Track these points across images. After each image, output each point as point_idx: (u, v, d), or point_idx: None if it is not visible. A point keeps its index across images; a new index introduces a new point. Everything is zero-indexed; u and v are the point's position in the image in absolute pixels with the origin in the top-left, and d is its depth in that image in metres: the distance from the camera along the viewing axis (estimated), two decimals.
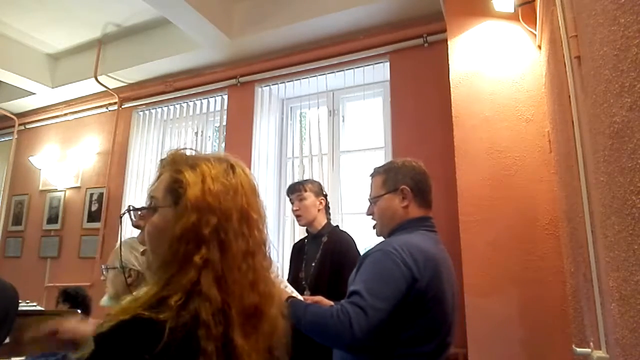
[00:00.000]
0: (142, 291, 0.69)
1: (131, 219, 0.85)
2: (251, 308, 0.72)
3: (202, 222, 0.70)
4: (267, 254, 0.80)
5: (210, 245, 0.70)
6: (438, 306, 1.25)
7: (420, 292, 1.21)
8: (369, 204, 1.49)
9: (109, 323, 0.63)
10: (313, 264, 2.04)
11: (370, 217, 1.49)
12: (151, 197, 0.78)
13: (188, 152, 0.81)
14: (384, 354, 1.21)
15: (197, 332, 0.64)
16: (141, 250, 0.95)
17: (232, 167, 0.80)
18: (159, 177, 0.79)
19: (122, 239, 1.34)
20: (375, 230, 1.49)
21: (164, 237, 0.72)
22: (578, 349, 1.26)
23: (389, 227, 1.42)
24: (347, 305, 1.16)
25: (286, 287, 1.63)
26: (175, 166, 0.77)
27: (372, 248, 1.33)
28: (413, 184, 1.40)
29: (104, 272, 1.42)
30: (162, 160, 0.80)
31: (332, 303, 1.57)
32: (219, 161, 0.79)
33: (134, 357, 0.61)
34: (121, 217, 0.88)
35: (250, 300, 0.72)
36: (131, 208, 0.84)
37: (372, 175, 1.50)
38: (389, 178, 1.43)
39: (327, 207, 2.20)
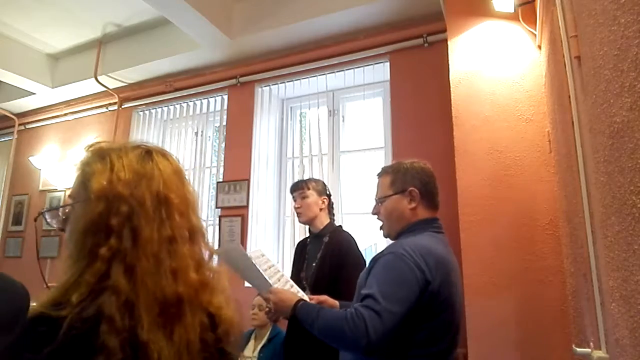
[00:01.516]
0: (50, 292, 0.66)
1: (47, 222, 0.79)
2: (171, 298, 0.67)
3: (110, 211, 0.67)
4: (202, 240, 0.76)
5: (121, 234, 0.66)
6: (449, 307, 1.26)
7: (433, 295, 1.21)
8: (375, 203, 1.48)
9: None
10: (314, 264, 2.04)
11: (376, 216, 1.48)
12: (69, 197, 0.76)
13: (103, 145, 0.76)
14: (397, 355, 1.21)
15: (100, 328, 0.60)
16: None
17: (149, 152, 0.75)
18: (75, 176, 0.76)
19: None
20: (382, 231, 1.48)
21: (73, 233, 0.69)
22: (578, 349, 1.26)
23: (396, 229, 1.42)
24: (361, 309, 1.16)
25: (292, 286, 1.63)
26: (86, 159, 0.74)
27: (383, 250, 1.33)
28: (421, 185, 1.39)
29: None
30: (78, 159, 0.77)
31: (336, 303, 1.57)
32: (133, 149, 0.75)
33: (16, 357, 0.57)
34: (35, 220, 0.84)
35: (169, 290, 0.67)
36: (45, 210, 0.80)
37: (380, 175, 1.49)
38: (397, 179, 1.42)
39: (330, 207, 2.20)
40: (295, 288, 1.65)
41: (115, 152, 0.73)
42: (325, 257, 2.00)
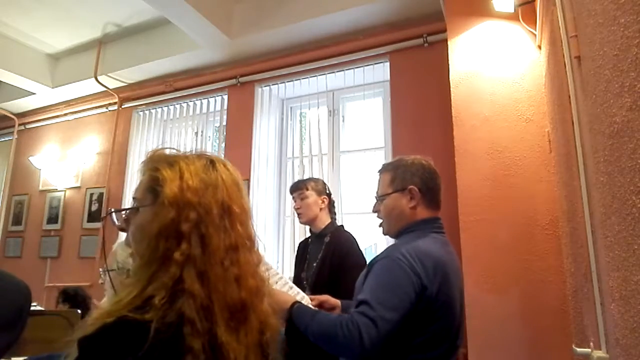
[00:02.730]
0: (123, 293, 0.68)
1: (113, 222, 0.84)
2: (237, 303, 0.71)
3: (181, 217, 0.70)
4: (255, 249, 0.80)
5: (191, 240, 0.69)
6: (448, 311, 1.24)
7: (430, 300, 1.19)
8: (375, 200, 1.45)
9: (92, 326, 0.63)
10: (315, 264, 2.03)
11: (376, 214, 1.45)
12: (133, 199, 0.78)
13: (167, 152, 0.80)
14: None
15: (183, 330, 0.63)
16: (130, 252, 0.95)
17: (212, 162, 0.78)
18: (140, 179, 0.79)
19: (120, 241, 1.33)
20: (381, 228, 1.45)
21: (144, 236, 0.71)
22: (578, 349, 1.26)
23: (396, 228, 1.38)
24: (356, 316, 1.14)
25: (291, 288, 1.61)
26: (154, 165, 0.76)
27: (380, 254, 1.30)
28: (422, 183, 1.35)
29: (102, 275, 1.42)
30: (143, 162, 0.80)
31: (338, 302, 1.56)
32: (198, 158, 0.78)
33: (118, 359, 0.60)
34: (103, 219, 0.88)
35: (235, 296, 0.71)
36: (112, 210, 0.84)
37: (381, 172, 1.45)
38: (397, 176, 1.37)
39: (331, 206, 2.19)
40: (295, 290, 1.65)
41: (183, 160, 0.76)
42: (326, 257, 2.00)
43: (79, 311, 2.13)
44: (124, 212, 0.81)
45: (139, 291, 0.66)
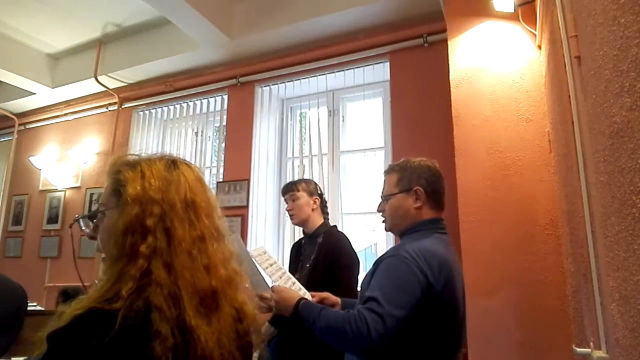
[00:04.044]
0: (94, 289, 0.70)
1: (81, 228, 0.85)
2: (207, 290, 0.73)
3: (145, 213, 0.73)
4: (225, 240, 0.82)
5: (156, 234, 0.72)
6: (452, 309, 1.27)
7: (436, 298, 1.22)
8: (380, 200, 1.48)
9: (62, 321, 0.65)
10: (308, 264, 2.04)
11: (381, 214, 1.48)
12: (99, 205, 0.81)
13: (129, 157, 0.84)
14: (400, 357, 1.21)
15: (151, 317, 0.65)
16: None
17: (174, 162, 0.82)
18: (105, 186, 0.82)
19: None
20: (384, 225, 1.48)
21: (111, 235, 0.74)
22: (578, 349, 1.26)
23: (400, 227, 1.41)
24: (364, 311, 1.16)
25: (294, 283, 1.63)
26: (116, 169, 0.80)
27: (386, 252, 1.33)
28: (427, 185, 1.39)
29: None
30: (106, 169, 0.83)
31: (338, 300, 1.57)
32: (159, 159, 0.83)
33: (84, 347, 0.62)
34: (71, 226, 0.89)
35: (205, 283, 0.74)
36: (78, 216, 0.86)
37: (387, 172, 1.49)
38: (403, 177, 1.41)
39: (323, 207, 2.19)
40: (298, 285, 1.65)
41: (144, 162, 0.80)
42: (319, 257, 2.00)
43: None
44: (90, 217, 0.83)
45: (108, 286, 0.69)
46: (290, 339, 1.93)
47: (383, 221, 1.48)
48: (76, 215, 0.87)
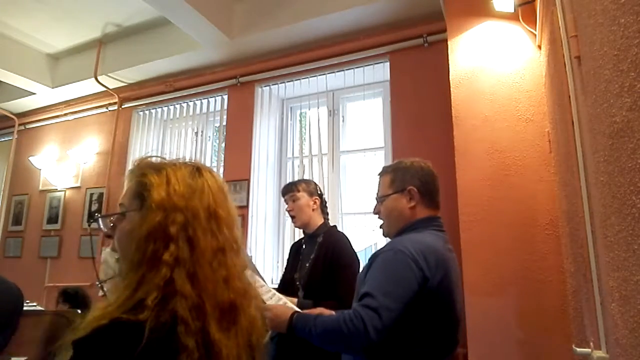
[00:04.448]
0: (113, 296, 0.69)
1: (101, 227, 0.84)
2: (226, 303, 0.73)
3: (168, 220, 0.72)
4: (241, 253, 0.81)
5: (178, 242, 0.71)
6: (448, 305, 1.27)
7: (432, 292, 1.21)
8: (376, 202, 1.49)
9: (85, 330, 0.63)
10: (307, 264, 2.04)
11: (377, 216, 1.49)
12: (120, 205, 0.79)
13: (154, 159, 0.82)
14: (397, 352, 1.21)
15: (177, 330, 0.65)
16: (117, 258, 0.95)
17: (198, 169, 0.81)
18: (127, 186, 0.81)
19: (107, 249, 1.29)
20: (382, 230, 1.48)
21: (132, 239, 0.72)
22: (578, 349, 1.26)
23: (395, 228, 1.42)
24: (359, 308, 1.16)
25: (285, 303, 1.59)
26: (141, 171, 0.78)
27: (383, 247, 1.33)
28: (420, 184, 1.39)
29: (100, 288, 1.42)
30: (129, 169, 0.82)
31: (333, 312, 1.57)
32: (184, 165, 0.81)
33: None
34: (89, 225, 0.88)
35: (224, 296, 0.73)
36: (99, 215, 0.85)
37: (381, 174, 1.49)
38: (396, 178, 1.42)
39: (323, 207, 2.19)
40: (284, 300, 1.64)
41: (170, 167, 0.78)
42: (319, 257, 2.00)
43: (79, 311, 2.13)
44: (110, 217, 0.81)
45: (129, 293, 0.67)
46: (291, 335, 1.92)
47: (380, 226, 1.48)
48: (97, 215, 0.86)
